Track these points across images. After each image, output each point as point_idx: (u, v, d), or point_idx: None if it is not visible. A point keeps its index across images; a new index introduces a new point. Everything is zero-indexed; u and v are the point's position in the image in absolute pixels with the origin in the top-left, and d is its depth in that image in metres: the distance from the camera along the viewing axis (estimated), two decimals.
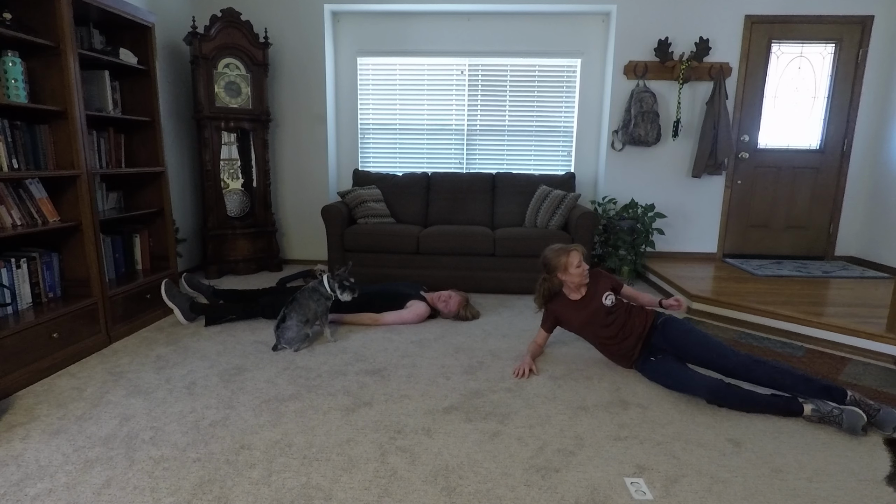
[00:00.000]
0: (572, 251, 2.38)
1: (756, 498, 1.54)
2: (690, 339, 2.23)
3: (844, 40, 4.17)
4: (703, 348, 2.20)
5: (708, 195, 4.44)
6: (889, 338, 2.57)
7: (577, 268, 2.36)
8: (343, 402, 2.11)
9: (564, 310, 2.46)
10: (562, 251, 2.40)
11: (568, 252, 2.38)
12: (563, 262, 2.38)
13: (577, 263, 2.36)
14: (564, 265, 2.37)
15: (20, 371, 2.17)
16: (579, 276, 2.37)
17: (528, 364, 2.39)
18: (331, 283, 2.77)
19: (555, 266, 2.40)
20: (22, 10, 2.34)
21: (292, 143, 4.52)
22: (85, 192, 2.53)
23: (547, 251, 2.45)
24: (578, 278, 2.38)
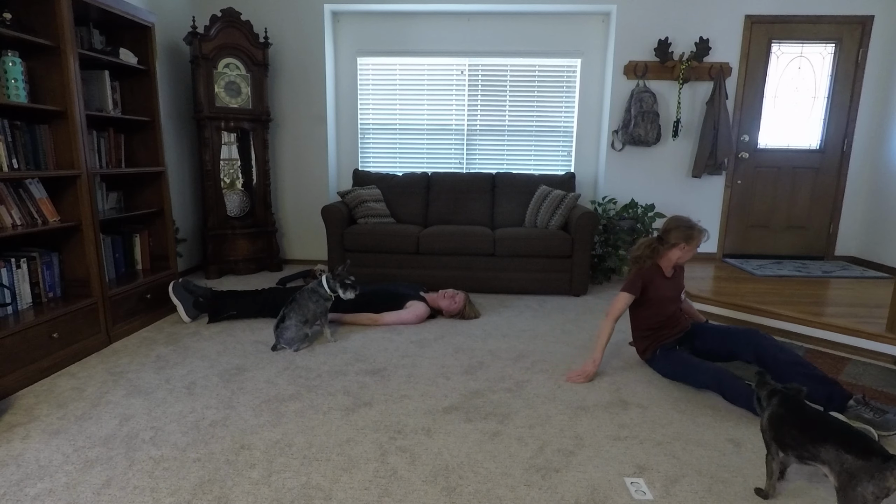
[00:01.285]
0: (704, 232, 2.31)
1: (756, 498, 1.54)
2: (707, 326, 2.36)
3: (844, 40, 4.17)
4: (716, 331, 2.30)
5: (708, 195, 4.44)
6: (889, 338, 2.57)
7: (690, 251, 2.32)
8: (343, 402, 2.11)
9: (656, 279, 2.38)
10: (695, 227, 2.31)
11: (700, 232, 2.31)
12: (690, 235, 2.29)
13: (696, 245, 2.31)
14: (688, 238, 2.29)
15: (20, 371, 2.17)
16: (689, 255, 2.33)
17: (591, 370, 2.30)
18: (330, 284, 2.77)
19: (678, 236, 2.30)
20: (22, 10, 2.34)
21: (292, 143, 4.52)
22: (85, 192, 2.53)
23: (680, 218, 2.35)
24: (686, 257, 2.33)
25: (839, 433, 1.33)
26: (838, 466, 1.28)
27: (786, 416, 1.46)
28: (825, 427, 1.37)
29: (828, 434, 1.33)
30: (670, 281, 2.39)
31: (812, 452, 1.36)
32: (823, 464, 1.34)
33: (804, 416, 1.43)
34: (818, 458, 1.35)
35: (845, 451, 1.27)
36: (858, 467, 1.23)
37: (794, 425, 1.43)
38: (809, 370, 2.02)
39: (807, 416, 1.43)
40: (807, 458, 1.40)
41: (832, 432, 1.34)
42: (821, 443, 1.34)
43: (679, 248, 2.33)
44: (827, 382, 1.97)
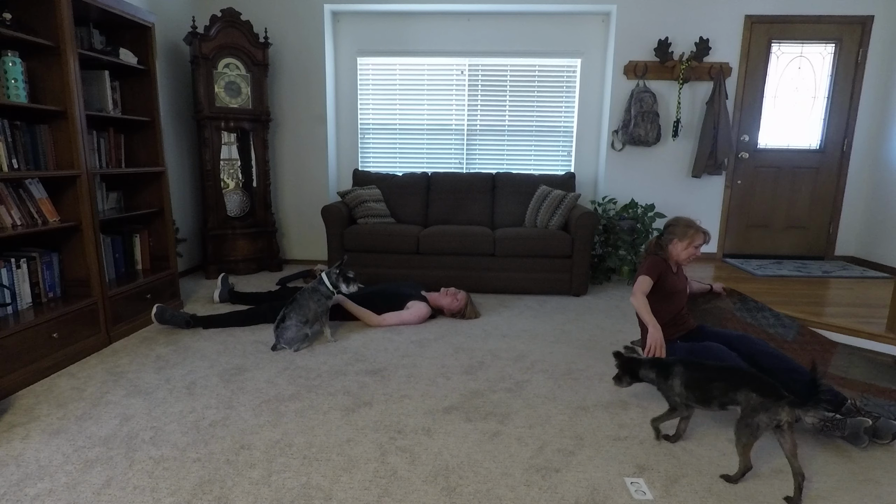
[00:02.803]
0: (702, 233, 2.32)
1: (756, 498, 1.54)
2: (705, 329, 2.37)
3: (844, 40, 4.17)
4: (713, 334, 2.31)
5: (708, 195, 4.44)
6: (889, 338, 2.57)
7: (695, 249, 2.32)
8: (343, 402, 2.11)
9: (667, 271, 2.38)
10: (694, 226, 2.34)
11: (700, 232, 2.32)
12: (690, 234, 2.31)
13: (698, 245, 2.32)
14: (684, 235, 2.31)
15: (20, 371, 2.17)
16: (688, 256, 2.34)
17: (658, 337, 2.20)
18: (332, 279, 2.77)
19: (678, 234, 2.33)
20: (22, 10, 2.34)
21: (292, 143, 4.52)
22: (85, 192, 2.53)
23: (681, 217, 2.38)
24: (685, 256, 2.34)
25: (752, 379, 1.63)
26: (745, 403, 1.59)
27: (701, 376, 1.72)
28: (740, 375, 1.67)
29: (743, 380, 1.64)
30: (678, 275, 2.41)
31: (731, 397, 1.65)
32: (737, 404, 1.63)
33: (719, 371, 1.71)
34: (735, 401, 1.64)
35: (755, 392, 1.58)
36: (760, 403, 1.56)
37: (715, 379, 1.69)
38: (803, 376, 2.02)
39: (720, 369, 1.72)
40: (727, 404, 1.68)
41: (747, 378, 1.64)
42: (739, 388, 1.63)
43: (673, 244, 2.34)
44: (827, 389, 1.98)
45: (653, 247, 2.40)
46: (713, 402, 1.70)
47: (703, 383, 1.71)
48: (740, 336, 2.26)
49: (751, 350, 2.16)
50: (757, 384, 1.60)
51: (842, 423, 1.82)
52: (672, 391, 1.77)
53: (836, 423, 1.84)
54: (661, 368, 1.81)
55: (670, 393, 1.78)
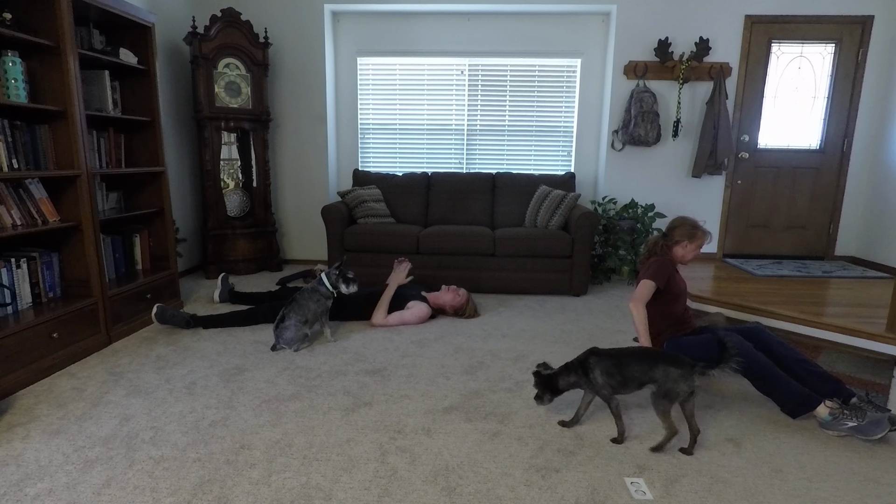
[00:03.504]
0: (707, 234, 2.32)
1: (756, 498, 1.54)
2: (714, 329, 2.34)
3: (844, 40, 4.16)
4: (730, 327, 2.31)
5: (708, 195, 4.44)
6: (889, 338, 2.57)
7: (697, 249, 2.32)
8: (343, 402, 2.11)
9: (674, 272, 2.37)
10: (699, 227, 2.33)
11: (704, 233, 2.32)
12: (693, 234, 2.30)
13: (699, 245, 2.32)
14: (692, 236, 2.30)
15: (20, 371, 2.17)
16: (691, 255, 2.33)
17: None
18: (331, 280, 2.77)
19: (682, 233, 2.32)
20: (22, 10, 2.34)
21: (292, 143, 4.52)
22: (85, 192, 2.53)
23: (686, 217, 2.36)
24: (688, 256, 2.33)
25: (665, 356, 1.78)
26: (664, 377, 1.73)
27: (617, 363, 1.82)
28: (653, 355, 1.81)
29: (658, 359, 1.78)
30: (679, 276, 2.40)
31: (650, 376, 1.77)
32: (654, 381, 1.76)
33: (632, 354, 1.83)
34: (653, 379, 1.76)
35: (672, 367, 1.74)
36: (679, 374, 1.72)
37: (632, 364, 1.80)
38: (813, 367, 2.03)
39: (632, 353, 1.84)
40: (645, 383, 1.79)
41: (660, 357, 1.79)
42: (656, 366, 1.76)
43: (682, 245, 2.33)
44: (830, 380, 1.99)
45: (658, 248, 2.36)
46: (631, 384, 1.81)
47: (620, 368, 1.81)
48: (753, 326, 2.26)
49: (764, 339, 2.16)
50: (671, 360, 1.76)
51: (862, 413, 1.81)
52: (597, 384, 1.84)
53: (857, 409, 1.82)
54: (580, 368, 1.87)
55: (597, 386, 1.84)
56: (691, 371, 1.73)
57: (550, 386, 1.93)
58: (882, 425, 1.76)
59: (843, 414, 1.84)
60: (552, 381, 1.92)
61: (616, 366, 1.82)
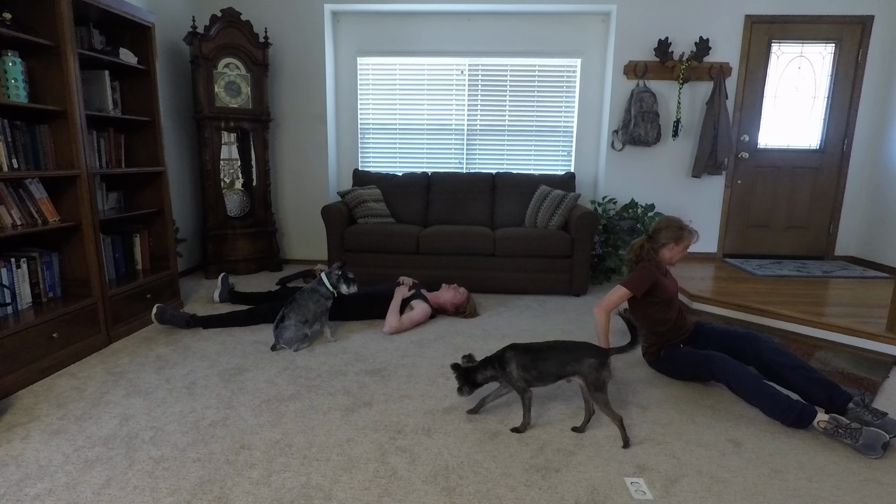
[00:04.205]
0: (694, 234, 2.30)
1: (756, 498, 1.54)
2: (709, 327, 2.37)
3: (844, 40, 4.17)
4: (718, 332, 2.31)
5: (708, 195, 4.44)
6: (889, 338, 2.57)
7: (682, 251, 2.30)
8: (343, 402, 2.11)
9: (661, 278, 2.35)
10: (685, 227, 2.29)
11: (690, 233, 2.29)
12: (680, 235, 2.27)
13: (686, 245, 2.29)
14: (678, 238, 2.27)
15: (20, 371, 2.17)
16: (678, 256, 2.31)
17: None
18: (331, 280, 2.77)
19: (668, 235, 2.28)
20: (22, 10, 2.34)
21: (292, 143, 4.52)
22: (85, 192, 2.53)
23: (671, 218, 2.33)
24: (676, 257, 2.31)
25: (579, 347, 1.86)
26: (587, 368, 1.81)
27: (533, 357, 1.87)
28: (565, 347, 1.88)
29: (574, 352, 1.85)
30: (668, 279, 2.38)
31: (571, 369, 1.84)
32: (576, 373, 1.84)
33: (546, 350, 1.88)
34: (576, 372, 1.84)
35: (592, 357, 1.81)
36: (598, 363, 1.81)
37: (548, 359, 1.85)
38: (810, 373, 2.01)
39: (549, 347, 1.90)
40: (565, 375, 1.86)
41: (574, 348, 1.87)
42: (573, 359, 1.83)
43: (668, 247, 2.30)
44: (826, 385, 1.97)
45: (644, 252, 2.32)
46: (548, 378, 1.86)
47: (536, 363, 1.85)
48: (746, 333, 2.25)
49: (757, 347, 2.16)
50: (589, 350, 1.84)
51: (857, 433, 1.76)
52: (512, 378, 1.88)
53: (851, 431, 1.78)
54: (497, 362, 1.91)
55: (512, 380, 1.88)
56: (607, 356, 1.84)
57: (469, 379, 1.95)
58: (875, 449, 1.73)
59: (838, 432, 1.81)
60: (471, 374, 1.95)
61: (532, 360, 1.86)
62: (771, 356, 2.10)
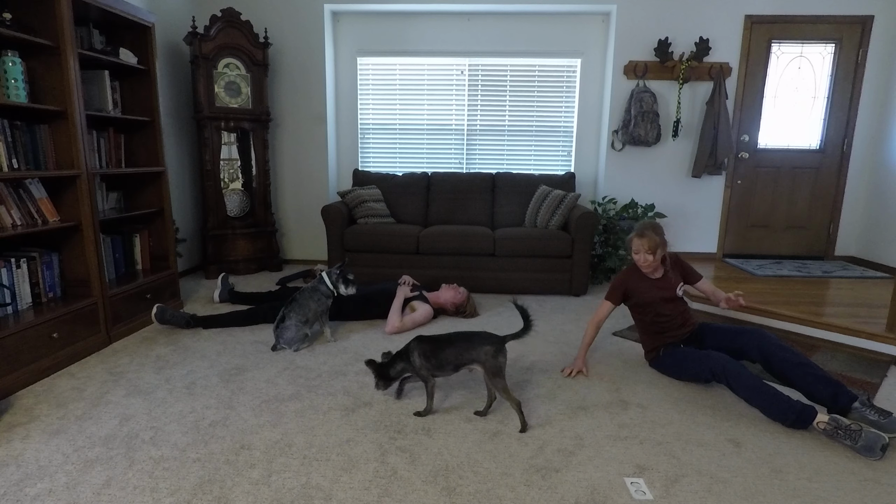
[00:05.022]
0: (635, 237, 2.30)
1: (756, 498, 1.54)
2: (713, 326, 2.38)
3: (844, 40, 4.17)
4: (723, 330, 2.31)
5: (708, 195, 4.44)
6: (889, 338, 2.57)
7: (636, 254, 2.31)
8: (343, 402, 2.11)
9: (638, 283, 2.38)
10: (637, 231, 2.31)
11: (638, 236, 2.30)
12: (628, 243, 2.33)
13: (635, 250, 2.31)
14: (629, 244, 2.32)
15: (20, 371, 2.17)
16: (637, 262, 2.33)
17: (578, 367, 2.36)
18: (331, 280, 2.77)
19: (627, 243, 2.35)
20: (22, 10, 2.34)
21: (292, 143, 4.52)
22: (85, 192, 2.53)
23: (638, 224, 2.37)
24: (645, 262, 2.32)
25: (477, 337, 1.97)
26: (484, 356, 1.91)
27: (434, 347, 1.97)
28: (465, 337, 1.98)
29: (472, 341, 1.95)
30: (659, 281, 2.37)
31: (466, 358, 1.94)
32: (474, 361, 1.94)
33: (447, 340, 1.98)
34: (471, 360, 1.94)
35: (488, 345, 1.92)
36: (495, 350, 1.91)
37: (447, 348, 1.95)
38: (815, 370, 2.02)
39: (447, 338, 1.99)
40: (462, 365, 1.96)
41: (473, 337, 1.97)
42: (471, 348, 1.93)
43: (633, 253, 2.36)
44: (832, 383, 1.97)
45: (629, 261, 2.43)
46: (448, 367, 1.97)
47: (436, 352, 1.96)
48: (752, 331, 2.24)
49: (762, 344, 2.15)
50: (486, 339, 1.94)
51: (856, 434, 1.76)
52: (416, 366, 1.98)
53: (851, 432, 1.77)
54: (403, 354, 2.02)
55: (416, 368, 1.98)
56: (503, 343, 1.94)
57: (383, 373, 2.05)
58: (874, 451, 1.72)
59: (837, 433, 1.80)
60: (384, 368, 2.05)
61: (433, 350, 1.96)
62: (776, 353, 2.10)
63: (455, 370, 1.98)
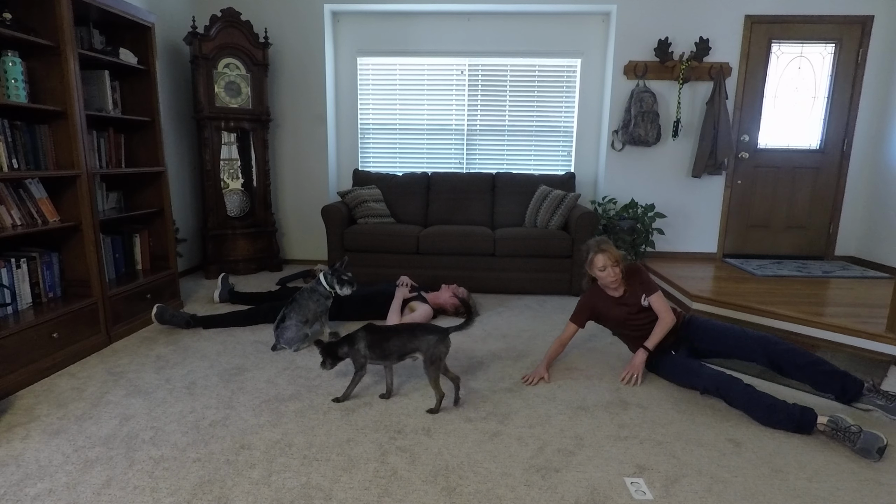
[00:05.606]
0: (600, 253, 2.26)
1: (756, 498, 1.54)
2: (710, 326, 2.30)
3: (844, 40, 4.17)
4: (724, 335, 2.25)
5: (708, 195, 4.44)
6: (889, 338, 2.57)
7: (602, 271, 2.26)
8: (343, 402, 2.11)
9: (603, 304, 2.36)
10: (594, 247, 2.27)
11: (597, 252, 2.26)
12: (589, 259, 2.27)
13: (601, 266, 2.25)
14: (590, 263, 2.28)
15: (20, 371, 2.17)
16: (603, 279, 2.29)
17: (539, 374, 2.33)
18: (328, 280, 2.77)
19: (585, 259, 2.30)
20: (22, 10, 2.34)
21: (292, 143, 4.52)
22: (85, 192, 2.53)
23: (589, 241, 2.32)
24: (605, 281, 2.29)
25: (420, 327, 2.07)
26: (426, 345, 2.01)
27: (380, 337, 2.06)
28: (410, 328, 2.08)
29: (416, 332, 2.04)
30: (622, 298, 2.35)
31: (410, 347, 2.04)
32: (416, 350, 2.03)
33: (393, 331, 2.07)
34: (414, 349, 2.03)
35: (430, 335, 2.02)
36: (437, 339, 2.01)
37: (392, 339, 2.05)
38: (825, 367, 2.05)
39: (394, 329, 2.08)
40: (406, 354, 2.05)
41: (416, 328, 2.07)
42: (414, 338, 2.03)
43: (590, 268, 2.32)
44: (840, 376, 2.02)
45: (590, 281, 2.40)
46: (392, 356, 2.07)
47: (381, 343, 2.05)
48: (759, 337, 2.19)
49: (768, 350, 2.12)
50: (430, 330, 2.04)
51: (855, 437, 1.76)
52: (359, 354, 2.07)
53: (850, 434, 1.77)
54: (350, 340, 2.10)
55: (357, 356, 2.08)
56: (446, 334, 2.03)
57: (330, 352, 2.11)
58: (871, 454, 1.72)
59: (836, 436, 1.81)
60: (331, 348, 2.11)
61: (379, 340, 2.06)
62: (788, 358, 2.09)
63: (399, 359, 2.08)
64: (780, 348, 2.12)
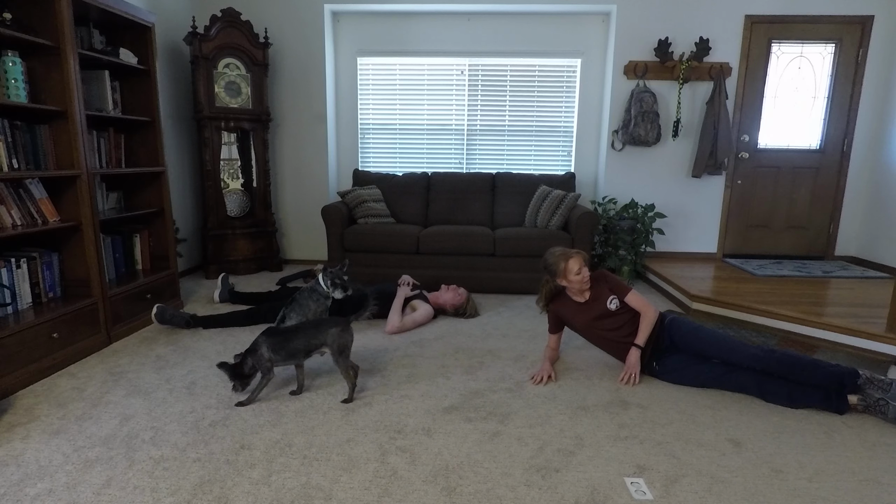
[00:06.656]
0: (572, 257, 2.30)
1: (756, 498, 1.54)
2: (700, 336, 2.25)
3: (844, 40, 4.17)
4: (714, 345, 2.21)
5: (708, 195, 4.44)
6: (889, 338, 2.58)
7: (577, 274, 2.28)
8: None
9: (567, 311, 2.42)
10: (562, 256, 2.31)
11: (568, 258, 2.30)
12: (562, 268, 2.30)
13: (577, 270, 2.28)
14: (564, 271, 2.30)
15: (20, 371, 2.17)
16: (579, 282, 2.30)
17: (546, 371, 2.34)
18: (326, 281, 2.77)
19: (555, 271, 2.33)
20: (22, 10, 2.34)
21: (292, 143, 4.53)
22: (85, 192, 2.53)
23: (548, 254, 2.36)
24: (578, 284, 2.31)
25: (323, 321, 2.11)
26: (331, 338, 2.05)
27: (282, 339, 2.05)
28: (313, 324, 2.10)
29: (319, 326, 2.08)
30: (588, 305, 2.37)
31: (315, 342, 2.06)
32: (323, 345, 2.06)
33: (294, 330, 2.08)
34: (321, 344, 2.06)
35: (334, 328, 2.06)
36: (340, 330, 2.07)
37: (295, 338, 2.06)
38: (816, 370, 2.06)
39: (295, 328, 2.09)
40: (312, 350, 2.08)
41: (320, 324, 2.10)
42: (318, 332, 2.06)
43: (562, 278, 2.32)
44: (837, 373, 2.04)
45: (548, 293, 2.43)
46: (299, 354, 2.07)
47: (284, 343, 2.05)
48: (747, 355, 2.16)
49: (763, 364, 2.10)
50: (332, 322, 2.08)
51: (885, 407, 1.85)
52: (263, 359, 2.04)
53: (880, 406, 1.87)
54: (251, 350, 2.07)
55: (262, 361, 2.05)
56: (347, 323, 2.10)
57: (237, 373, 2.07)
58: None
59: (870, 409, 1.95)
60: (236, 368, 2.07)
61: (281, 342, 2.05)
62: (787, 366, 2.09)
63: (307, 356, 2.09)
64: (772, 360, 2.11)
